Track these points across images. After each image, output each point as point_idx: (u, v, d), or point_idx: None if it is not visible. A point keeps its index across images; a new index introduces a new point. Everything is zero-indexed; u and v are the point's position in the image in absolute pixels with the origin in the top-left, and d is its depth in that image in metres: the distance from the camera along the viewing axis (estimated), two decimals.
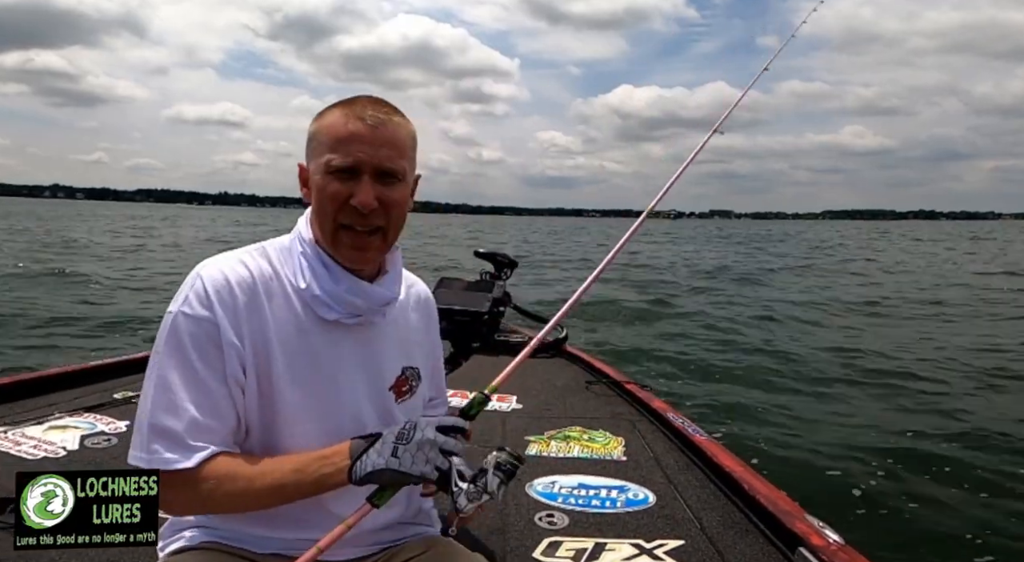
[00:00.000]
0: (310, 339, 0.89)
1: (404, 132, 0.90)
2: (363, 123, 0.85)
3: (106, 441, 1.96)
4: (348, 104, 0.88)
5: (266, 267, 0.90)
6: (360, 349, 0.93)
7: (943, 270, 17.22)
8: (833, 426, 4.24)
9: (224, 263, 0.88)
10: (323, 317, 0.89)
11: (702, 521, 1.57)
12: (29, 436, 1.93)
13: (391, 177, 0.87)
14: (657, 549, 1.44)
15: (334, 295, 0.89)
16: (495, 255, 3.96)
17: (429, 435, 0.83)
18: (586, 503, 1.68)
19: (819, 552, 1.28)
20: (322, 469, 0.82)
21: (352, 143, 0.85)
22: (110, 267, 12.67)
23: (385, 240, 0.90)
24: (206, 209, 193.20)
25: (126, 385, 2.53)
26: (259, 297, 0.87)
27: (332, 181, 0.86)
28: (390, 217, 0.89)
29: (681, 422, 2.18)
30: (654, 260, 10.70)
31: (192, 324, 0.83)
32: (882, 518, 2.89)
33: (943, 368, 5.84)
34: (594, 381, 2.92)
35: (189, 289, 0.85)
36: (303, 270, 0.90)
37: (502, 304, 3.72)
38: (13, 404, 2.19)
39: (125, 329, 6.80)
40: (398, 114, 0.90)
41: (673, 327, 7.86)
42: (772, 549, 1.42)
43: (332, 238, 0.88)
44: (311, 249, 0.91)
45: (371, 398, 0.94)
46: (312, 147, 0.89)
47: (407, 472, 0.81)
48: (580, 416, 2.43)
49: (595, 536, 1.49)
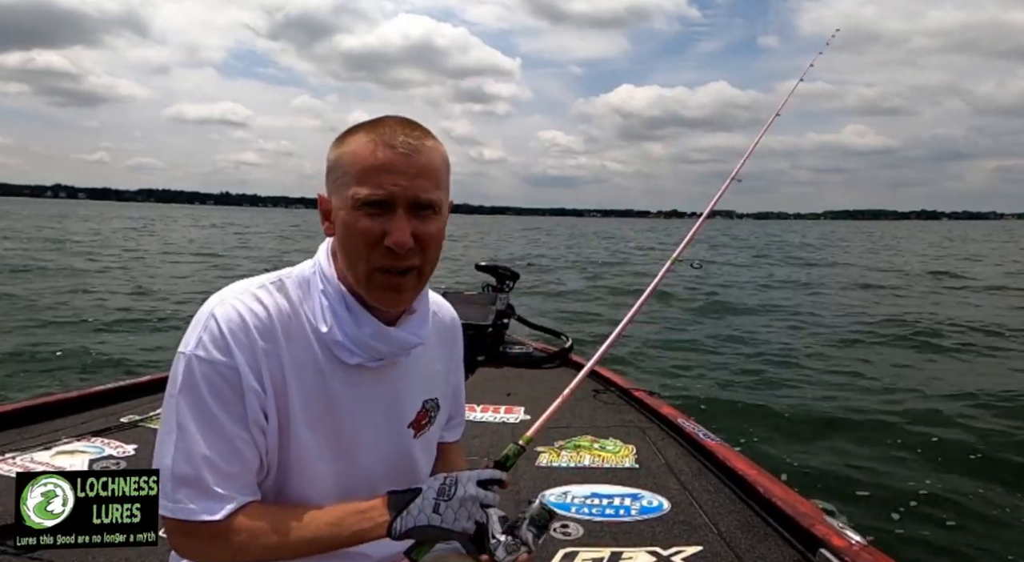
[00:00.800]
0: (328, 382, 0.84)
1: (438, 158, 0.81)
2: (395, 151, 0.77)
3: (115, 465, 1.94)
4: (374, 127, 0.80)
5: (284, 304, 0.83)
6: (380, 390, 0.88)
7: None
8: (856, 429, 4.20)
9: (238, 300, 0.81)
10: (344, 361, 0.84)
11: (719, 526, 1.55)
12: (37, 461, 1.92)
13: (428, 209, 0.79)
14: (675, 556, 1.42)
15: (356, 340, 0.83)
16: (497, 268, 3.97)
17: (472, 491, 0.80)
18: (600, 512, 1.66)
19: (841, 553, 1.26)
20: (360, 524, 0.79)
21: (384, 174, 0.77)
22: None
23: (421, 279, 0.83)
24: (207, 209, 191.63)
25: (132, 409, 2.52)
26: (277, 338, 0.81)
27: (362, 217, 0.77)
28: (427, 255, 0.81)
29: (692, 427, 2.16)
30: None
31: (208, 368, 0.78)
32: (904, 520, 2.85)
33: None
34: (602, 390, 2.90)
35: (203, 330, 0.79)
36: (324, 312, 0.83)
37: (506, 316, 3.72)
38: (20, 429, 2.18)
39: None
40: (431, 137, 0.81)
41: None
42: (793, 552, 1.40)
43: (366, 281, 0.81)
44: (333, 289, 0.84)
45: (389, 439, 0.90)
46: (335, 177, 0.81)
47: (449, 528, 0.78)
48: (590, 425, 2.42)
49: (611, 545, 1.47)
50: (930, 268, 17.06)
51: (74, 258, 14.98)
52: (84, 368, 5.43)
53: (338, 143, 0.82)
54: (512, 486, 1.80)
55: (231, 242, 24.81)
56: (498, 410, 2.67)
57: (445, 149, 0.84)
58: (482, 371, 3.34)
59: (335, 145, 0.82)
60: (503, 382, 3.15)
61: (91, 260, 14.72)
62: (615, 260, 21.07)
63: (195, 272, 13.34)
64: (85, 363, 5.60)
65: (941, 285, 13.29)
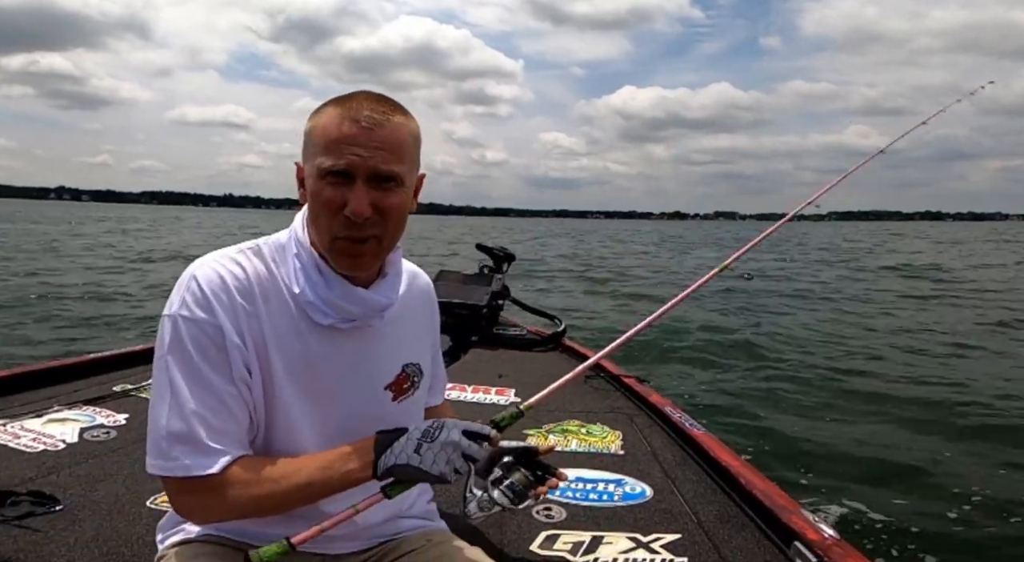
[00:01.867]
0: (307, 343, 0.87)
1: (404, 132, 0.85)
2: (358, 124, 0.81)
3: (105, 434, 1.96)
4: (344, 101, 0.84)
5: (261, 267, 0.87)
6: (357, 352, 0.92)
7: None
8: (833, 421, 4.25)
9: (217, 262, 0.85)
10: (318, 322, 0.88)
11: (698, 515, 1.58)
12: (28, 429, 1.93)
13: (388, 181, 0.83)
14: (654, 542, 1.45)
15: (328, 301, 0.87)
16: (493, 249, 3.97)
17: (454, 437, 0.82)
18: (583, 496, 1.69)
19: (814, 546, 1.29)
20: (348, 465, 0.82)
21: (345, 145, 0.81)
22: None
23: (381, 246, 0.87)
24: (212, 211, 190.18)
25: (125, 378, 2.53)
26: (255, 298, 0.85)
27: (325, 186, 0.82)
28: (386, 225, 0.85)
29: (679, 417, 2.18)
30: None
31: (193, 327, 0.81)
32: (877, 514, 2.91)
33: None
34: (592, 375, 2.92)
35: (185, 291, 0.83)
36: (297, 273, 0.87)
37: (501, 297, 3.73)
38: (11, 397, 2.19)
39: None
40: (398, 112, 0.85)
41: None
42: (768, 543, 1.43)
43: (329, 247, 0.85)
44: (306, 252, 0.88)
45: (364, 400, 0.93)
46: (306, 147, 0.85)
47: (426, 471, 0.80)
48: (578, 410, 2.44)
49: (592, 529, 1.50)
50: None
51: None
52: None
53: (313, 115, 0.86)
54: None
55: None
56: (489, 391, 2.69)
57: (416, 125, 0.88)
58: (475, 352, 3.36)
59: (310, 117, 0.86)
60: (496, 364, 3.17)
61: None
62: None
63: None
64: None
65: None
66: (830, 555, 1.26)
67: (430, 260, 15.78)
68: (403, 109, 0.86)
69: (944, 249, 28.20)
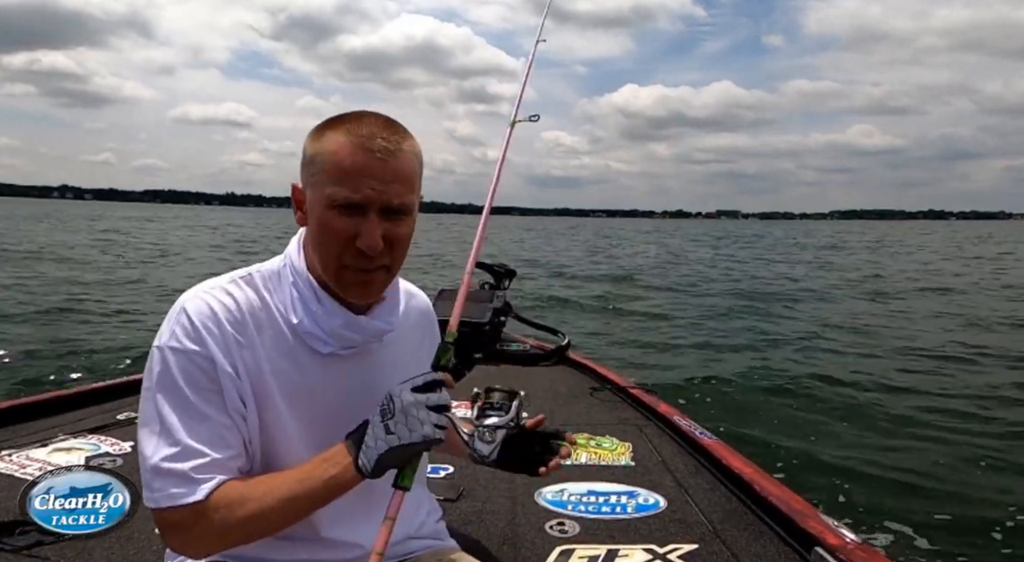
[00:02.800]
0: (305, 371, 0.86)
1: (413, 160, 0.83)
2: (372, 156, 0.79)
3: (111, 462, 1.94)
4: (352, 126, 0.81)
5: (253, 297, 0.86)
6: (356, 378, 0.91)
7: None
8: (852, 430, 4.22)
9: (208, 294, 0.84)
10: (317, 350, 0.87)
11: (714, 524, 1.56)
12: (33, 458, 1.91)
13: (400, 213, 0.82)
14: (671, 553, 1.42)
15: (328, 330, 0.86)
16: (493, 266, 3.97)
17: (408, 398, 0.80)
18: (596, 510, 1.67)
19: (836, 551, 1.27)
20: (328, 471, 0.80)
21: (360, 178, 0.79)
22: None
23: (389, 274, 0.87)
24: (213, 209, 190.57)
25: (129, 406, 2.51)
26: (248, 328, 0.83)
27: (336, 217, 0.80)
28: (395, 254, 0.84)
29: (688, 425, 2.16)
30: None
31: (183, 359, 0.80)
32: (897, 517, 2.87)
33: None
34: (599, 387, 2.91)
35: (175, 324, 0.81)
36: (295, 303, 0.86)
37: (503, 314, 3.72)
38: (16, 427, 2.18)
39: None
40: (408, 139, 0.83)
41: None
42: (788, 549, 1.41)
43: (335, 277, 0.84)
44: (303, 281, 0.86)
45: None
46: (311, 172, 0.82)
47: (411, 442, 0.79)
48: (586, 422, 2.42)
49: (607, 543, 1.47)
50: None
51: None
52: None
53: (316, 136, 0.83)
54: (509, 482, 1.81)
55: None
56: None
57: (419, 147, 0.86)
58: (479, 369, 3.33)
59: (313, 138, 0.83)
60: (500, 379, 3.13)
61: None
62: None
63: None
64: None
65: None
66: (853, 560, 1.23)
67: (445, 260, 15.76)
68: (407, 132, 0.85)
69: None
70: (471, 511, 1.56)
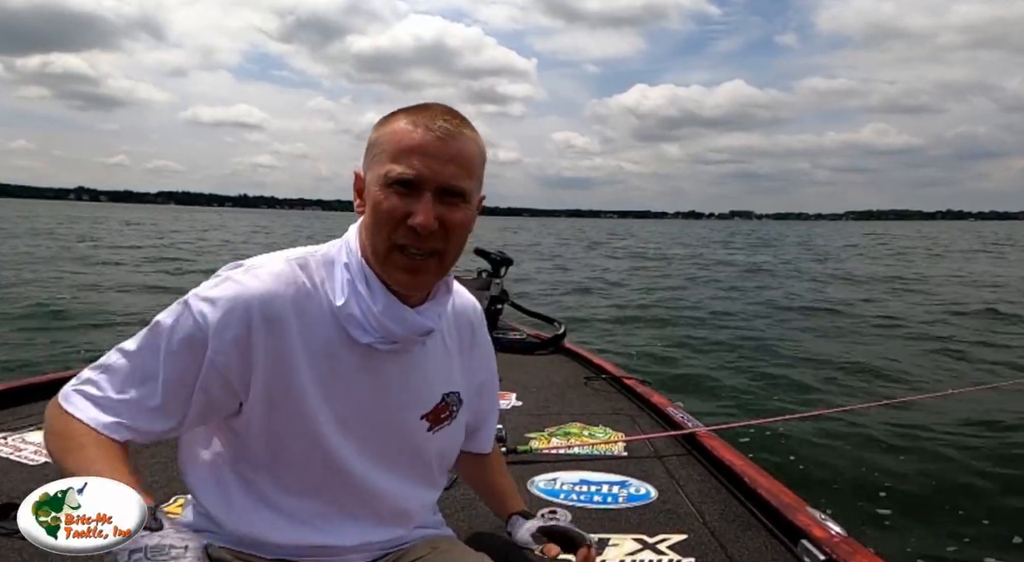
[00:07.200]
0: (340, 360, 0.84)
1: (474, 148, 0.82)
2: (431, 134, 0.78)
3: None
4: (416, 111, 0.81)
5: (303, 281, 0.83)
6: (394, 377, 0.87)
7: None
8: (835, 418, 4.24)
9: (260, 270, 0.82)
10: (356, 339, 0.83)
11: (704, 515, 1.58)
12: (29, 441, 1.92)
13: (455, 196, 0.80)
14: (660, 543, 1.44)
15: (371, 316, 0.83)
16: (491, 253, 3.97)
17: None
18: (588, 499, 1.69)
19: (822, 544, 1.29)
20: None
21: (416, 155, 0.78)
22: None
23: (442, 265, 0.83)
24: (228, 211, 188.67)
25: None
26: (287, 313, 0.81)
27: (390, 195, 0.79)
28: (449, 241, 0.81)
29: (681, 416, 2.18)
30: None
31: (186, 315, 0.80)
32: (885, 511, 2.90)
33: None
34: (593, 377, 2.93)
35: (213, 286, 0.81)
36: (343, 284, 0.84)
37: (500, 302, 3.73)
38: (12, 409, 2.19)
39: None
40: (469, 127, 0.82)
41: None
42: (775, 542, 1.43)
43: (384, 258, 0.81)
44: (356, 264, 0.84)
45: (398, 426, 0.90)
46: (372, 155, 0.82)
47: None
48: (580, 412, 2.44)
49: (598, 531, 1.49)
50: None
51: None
52: None
53: (380, 124, 0.84)
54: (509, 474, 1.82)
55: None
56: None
57: (483, 143, 0.85)
58: None
59: (378, 125, 0.84)
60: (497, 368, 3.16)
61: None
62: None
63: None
64: None
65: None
66: (838, 552, 1.25)
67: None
68: (472, 126, 0.84)
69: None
70: (465, 498, 1.58)
